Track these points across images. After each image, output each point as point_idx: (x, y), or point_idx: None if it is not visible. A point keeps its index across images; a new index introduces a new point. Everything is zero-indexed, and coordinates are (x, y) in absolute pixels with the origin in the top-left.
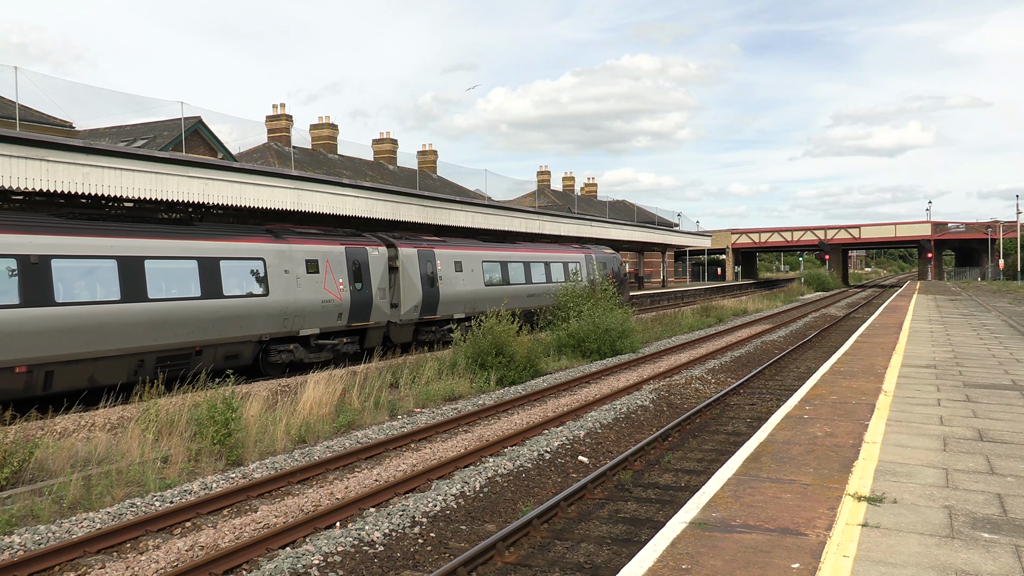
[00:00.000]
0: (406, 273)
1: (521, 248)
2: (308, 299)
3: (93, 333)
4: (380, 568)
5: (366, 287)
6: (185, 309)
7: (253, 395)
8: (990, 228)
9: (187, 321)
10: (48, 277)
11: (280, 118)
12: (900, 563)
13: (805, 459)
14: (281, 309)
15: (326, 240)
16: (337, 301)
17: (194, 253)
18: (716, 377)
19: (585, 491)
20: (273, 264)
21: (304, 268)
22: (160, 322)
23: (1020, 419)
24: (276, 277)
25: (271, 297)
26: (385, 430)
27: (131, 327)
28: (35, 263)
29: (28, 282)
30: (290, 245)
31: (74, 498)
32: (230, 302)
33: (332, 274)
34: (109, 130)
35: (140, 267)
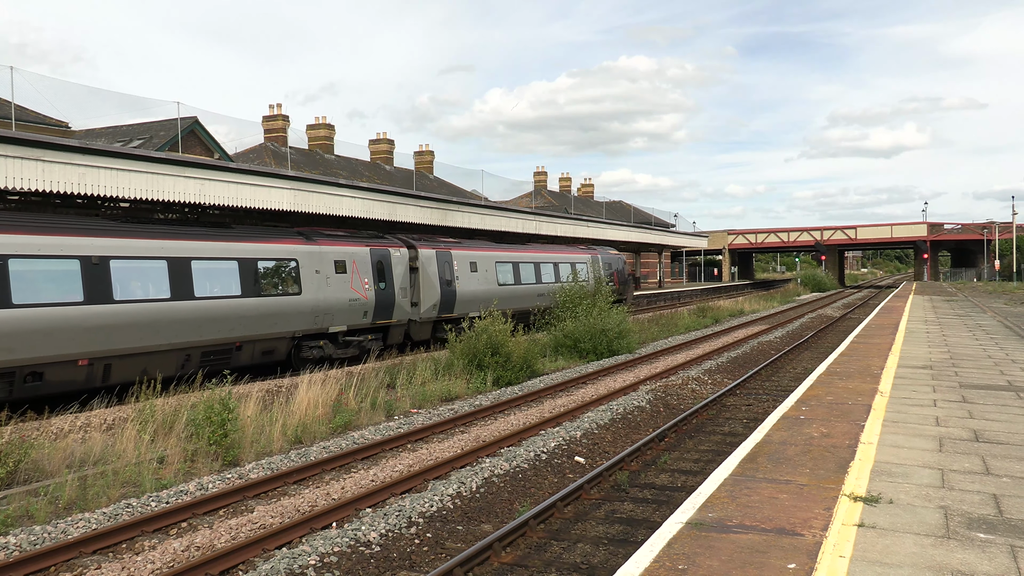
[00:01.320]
0: (425, 273)
1: (531, 249)
2: (337, 298)
3: (146, 329)
4: (376, 568)
5: (389, 286)
6: (227, 307)
7: (249, 396)
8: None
9: (229, 318)
10: (107, 276)
11: (277, 118)
12: (896, 563)
13: (801, 460)
14: (312, 307)
15: (352, 242)
16: (363, 300)
17: (234, 254)
18: (713, 378)
19: (582, 491)
20: (305, 265)
21: (333, 268)
22: (205, 319)
23: (1016, 420)
24: (308, 277)
25: (303, 296)
26: (382, 431)
27: (180, 324)
28: (96, 263)
29: (90, 281)
30: (320, 247)
31: (70, 498)
32: (267, 300)
33: (358, 274)
34: (105, 130)
35: (187, 267)
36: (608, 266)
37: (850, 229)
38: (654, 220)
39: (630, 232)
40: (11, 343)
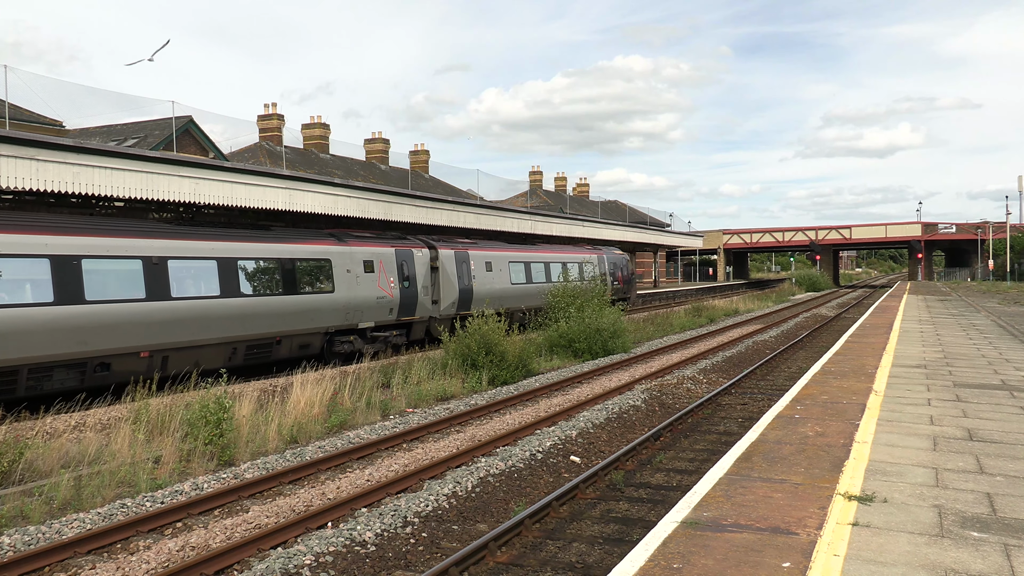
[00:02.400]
0: (445, 272)
1: (542, 249)
2: (366, 295)
3: (199, 324)
4: (372, 568)
5: (412, 285)
6: (269, 304)
7: (244, 395)
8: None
9: (271, 314)
10: (166, 275)
11: (272, 118)
12: (890, 562)
13: (796, 459)
14: (344, 304)
15: (379, 243)
16: (389, 298)
17: (275, 255)
18: (708, 377)
19: (577, 491)
20: (337, 264)
21: (362, 268)
22: (250, 315)
23: (1009, 419)
24: (340, 276)
25: (336, 294)
26: (377, 430)
27: (228, 319)
28: (155, 263)
29: (151, 280)
30: (350, 247)
31: (64, 499)
32: (304, 298)
33: (385, 273)
34: (99, 129)
35: (234, 267)
36: (613, 265)
37: (845, 229)
38: (649, 220)
39: (626, 232)
40: (84, 336)
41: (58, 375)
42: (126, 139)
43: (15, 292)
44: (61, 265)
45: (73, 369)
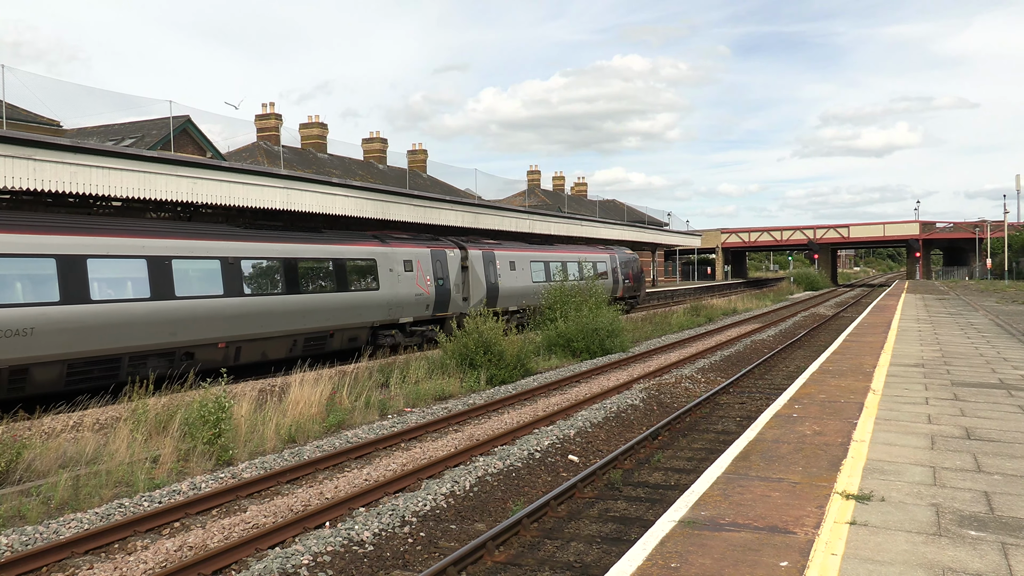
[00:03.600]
0: (474, 271)
1: (559, 249)
2: (406, 292)
3: (267, 318)
4: (370, 568)
5: (446, 283)
6: (325, 300)
7: (243, 395)
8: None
9: (325, 310)
10: (240, 274)
11: (269, 117)
12: (888, 561)
13: (794, 458)
14: (388, 301)
15: (416, 244)
16: (426, 295)
17: (329, 255)
18: (706, 376)
19: (575, 490)
20: (381, 264)
21: (403, 267)
22: (309, 310)
23: (1007, 417)
24: (384, 275)
25: (380, 291)
26: (375, 430)
27: (290, 314)
28: (231, 263)
29: (227, 278)
30: (392, 248)
31: (62, 498)
32: (354, 295)
33: (422, 272)
34: (97, 129)
35: (295, 267)
36: (624, 264)
37: (843, 228)
38: (648, 219)
39: (624, 231)
40: (174, 328)
41: (151, 363)
42: (123, 139)
43: (119, 289)
44: (156, 265)
45: (164, 357)
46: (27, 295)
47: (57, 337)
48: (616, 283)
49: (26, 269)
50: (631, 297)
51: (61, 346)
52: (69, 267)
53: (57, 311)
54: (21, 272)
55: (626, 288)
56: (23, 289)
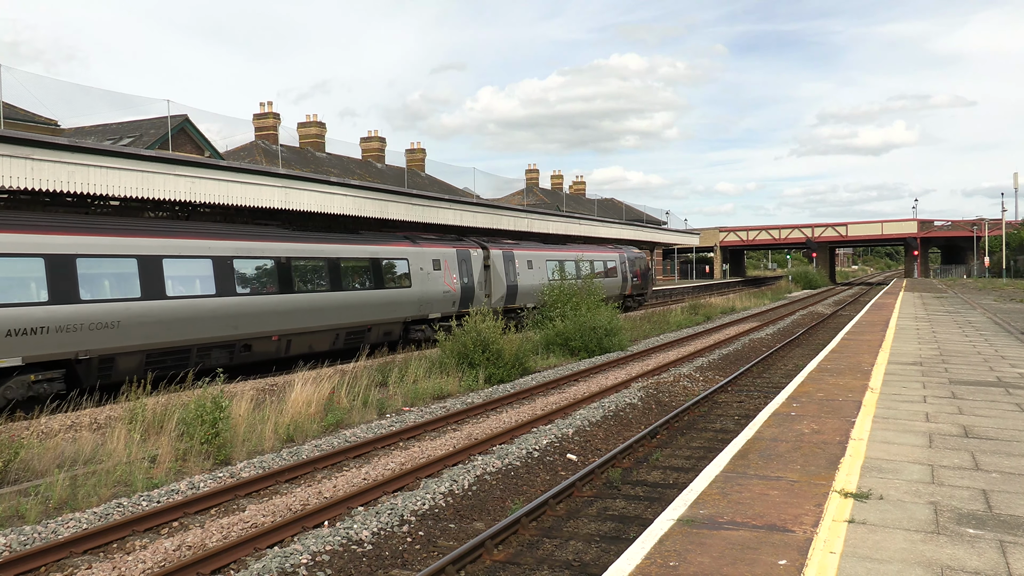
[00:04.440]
0: (495, 270)
1: (572, 249)
2: (434, 290)
3: (314, 314)
4: (369, 567)
5: (470, 281)
6: (363, 297)
7: (241, 394)
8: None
9: (364, 306)
10: (291, 273)
11: (268, 116)
12: (886, 559)
13: (792, 456)
14: (419, 298)
15: (443, 244)
16: (452, 292)
17: (368, 255)
18: (704, 375)
19: (574, 489)
20: (413, 263)
21: (432, 266)
22: (351, 306)
23: (1005, 415)
24: (415, 273)
25: (412, 288)
26: (374, 429)
27: (334, 310)
28: (284, 263)
29: (280, 277)
30: (423, 248)
31: (60, 498)
32: (389, 292)
33: (449, 271)
34: (95, 128)
35: (338, 266)
36: (632, 263)
37: (841, 226)
38: (645, 217)
39: (622, 229)
40: (235, 322)
41: (215, 354)
42: (121, 138)
43: (189, 286)
44: (220, 265)
45: (225, 349)
46: (114, 292)
47: (138, 329)
48: (625, 281)
49: (113, 268)
50: (639, 294)
51: (141, 337)
52: (148, 266)
53: (139, 306)
54: (109, 271)
55: (634, 286)
56: (110, 286)
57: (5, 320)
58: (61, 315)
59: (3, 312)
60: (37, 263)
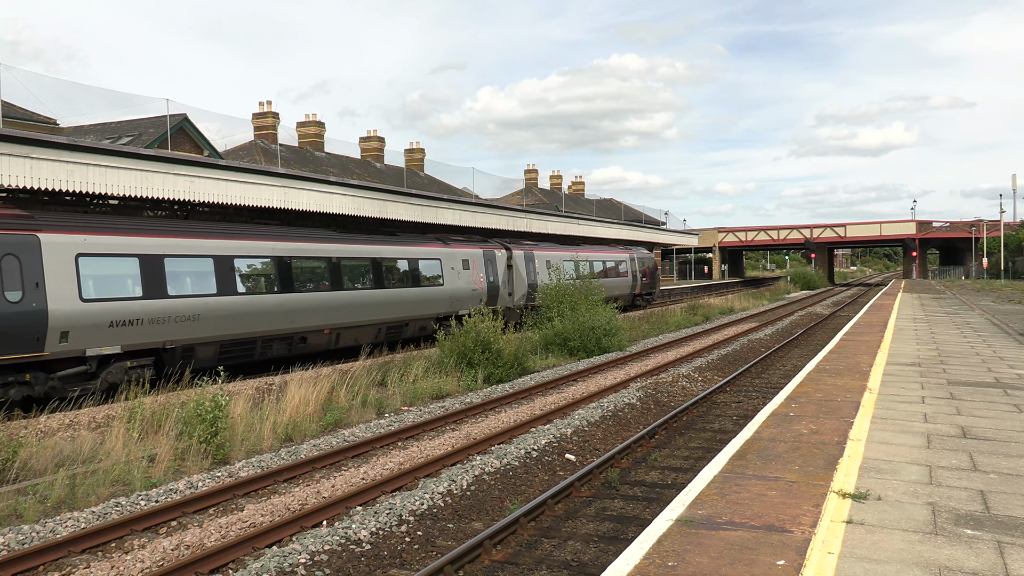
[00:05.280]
0: (517, 270)
1: (586, 250)
2: (463, 287)
3: (360, 309)
4: (367, 567)
5: (495, 280)
6: (402, 294)
7: (239, 394)
8: (974, 227)
9: (403, 303)
10: (340, 272)
11: (267, 116)
12: (884, 559)
13: (791, 456)
14: (450, 295)
15: (471, 245)
16: (479, 290)
17: (406, 255)
18: (703, 375)
19: (572, 489)
20: (445, 263)
21: (461, 266)
22: (391, 303)
23: (1003, 416)
24: (447, 272)
25: (444, 286)
26: (372, 428)
27: (377, 306)
28: (335, 263)
29: (332, 275)
30: (453, 249)
31: (59, 497)
32: (424, 290)
33: (476, 270)
34: (94, 127)
35: (381, 265)
36: (642, 263)
37: (839, 227)
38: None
39: (621, 230)
40: (293, 317)
41: (275, 345)
42: (121, 137)
43: (255, 284)
44: (281, 264)
45: (284, 341)
46: (194, 288)
47: (214, 322)
48: (635, 280)
49: (194, 267)
50: (647, 293)
51: (217, 329)
52: (222, 265)
53: (215, 301)
54: (190, 269)
55: (643, 285)
56: (191, 283)
57: (109, 312)
58: (152, 309)
59: (108, 305)
60: (133, 262)
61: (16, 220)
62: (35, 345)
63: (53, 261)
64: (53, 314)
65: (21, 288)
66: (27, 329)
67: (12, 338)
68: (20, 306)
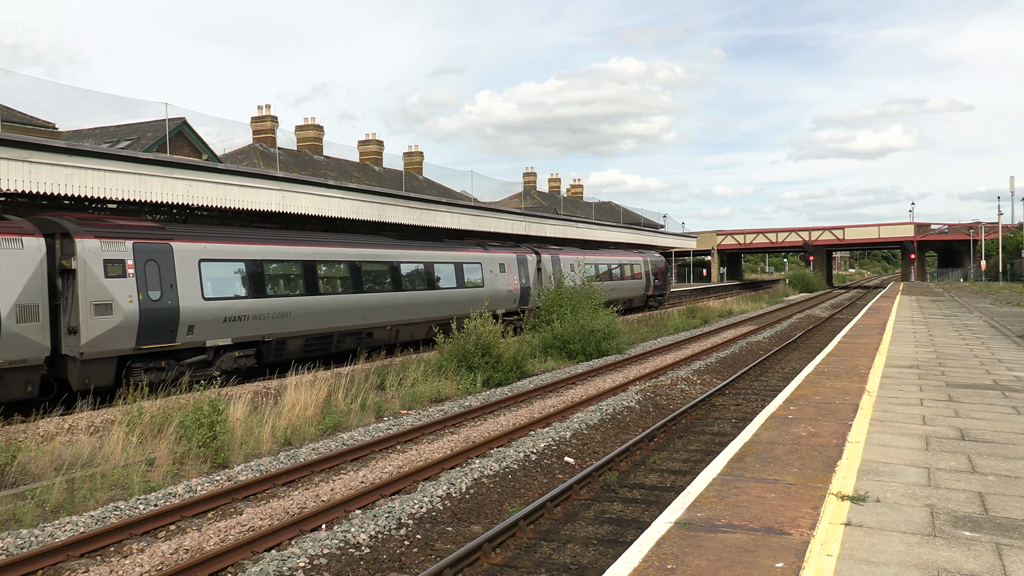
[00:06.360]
0: (545, 272)
1: (604, 253)
2: (501, 289)
3: (415, 308)
4: (366, 570)
5: (527, 282)
6: (451, 295)
7: (238, 397)
8: (972, 229)
9: (451, 302)
10: (399, 274)
11: (265, 119)
12: (883, 562)
13: (789, 459)
14: (489, 295)
15: (506, 250)
16: (514, 291)
17: (452, 260)
18: (702, 378)
19: (571, 492)
20: (484, 266)
21: (499, 269)
22: (441, 302)
23: (1001, 418)
24: (487, 275)
25: (485, 288)
26: (371, 432)
27: (430, 304)
28: (395, 266)
29: (393, 278)
30: (491, 253)
31: (57, 501)
32: (467, 290)
33: (511, 273)
34: (93, 131)
35: (432, 269)
36: (654, 266)
37: (838, 230)
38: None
39: (620, 233)
40: (363, 314)
41: (348, 340)
42: (119, 141)
43: (334, 285)
44: (353, 268)
45: (355, 336)
46: (286, 289)
47: (302, 319)
48: (648, 283)
49: (286, 271)
50: (659, 294)
51: (303, 325)
52: (308, 269)
53: (302, 300)
54: (283, 273)
55: (656, 286)
56: (284, 285)
57: (223, 309)
58: (255, 307)
59: (222, 303)
60: (240, 266)
61: (154, 231)
62: (169, 336)
63: (182, 265)
64: (183, 310)
65: (160, 288)
66: (165, 323)
67: (154, 330)
68: (160, 303)
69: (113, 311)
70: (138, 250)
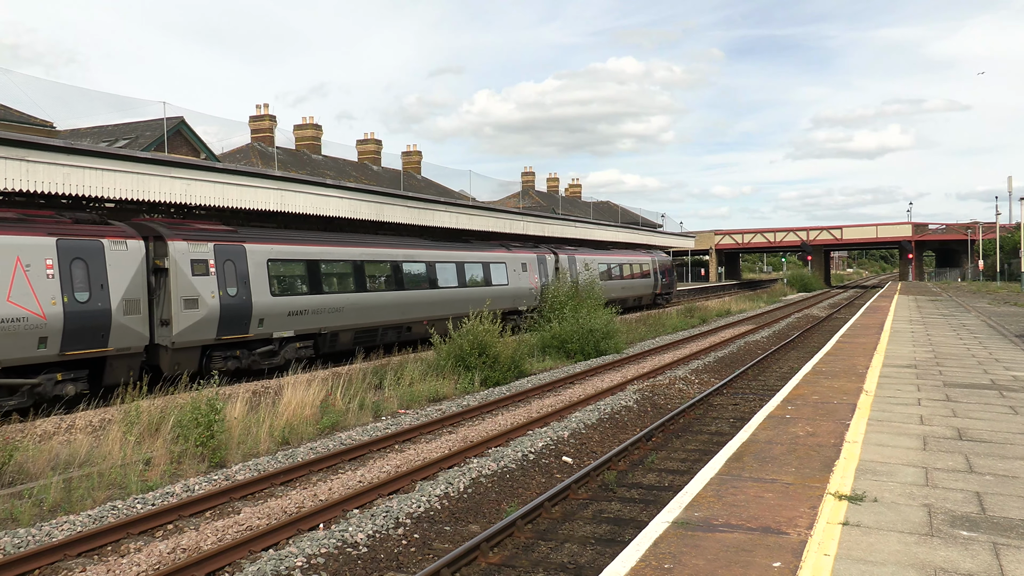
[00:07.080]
0: (563, 271)
1: (614, 253)
2: (523, 287)
3: (447, 304)
4: (364, 569)
5: (546, 281)
6: (480, 292)
7: (236, 397)
8: (970, 229)
9: (480, 299)
10: (435, 273)
11: (264, 118)
12: (880, 561)
13: (787, 459)
14: (512, 293)
15: (528, 250)
16: (535, 289)
17: (480, 260)
18: (700, 377)
19: (569, 491)
20: (509, 266)
21: (521, 268)
22: (471, 299)
23: (999, 418)
24: (510, 274)
25: (509, 286)
26: (369, 431)
27: (460, 301)
28: (430, 266)
29: (429, 276)
30: (514, 254)
31: (54, 501)
32: (494, 288)
33: (532, 272)
34: (91, 130)
35: (463, 268)
36: (662, 265)
37: (836, 229)
38: (641, 220)
39: (618, 232)
40: (404, 310)
41: (390, 333)
42: (117, 140)
43: (378, 284)
44: (395, 268)
45: (396, 330)
46: (339, 287)
47: (352, 313)
48: (656, 281)
49: (339, 270)
50: (666, 293)
51: (353, 319)
52: (357, 268)
53: (353, 297)
54: (337, 271)
55: (663, 285)
56: (337, 283)
57: (287, 305)
58: (313, 302)
59: (287, 299)
60: (302, 266)
61: (229, 234)
62: (244, 328)
63: (254, 265)
64: (255, 305)
65: (236, 285)
66: (240, 316)
67: (231, 322)
68: (236, 299)
69: (199, 305)
70: (218, 251)
